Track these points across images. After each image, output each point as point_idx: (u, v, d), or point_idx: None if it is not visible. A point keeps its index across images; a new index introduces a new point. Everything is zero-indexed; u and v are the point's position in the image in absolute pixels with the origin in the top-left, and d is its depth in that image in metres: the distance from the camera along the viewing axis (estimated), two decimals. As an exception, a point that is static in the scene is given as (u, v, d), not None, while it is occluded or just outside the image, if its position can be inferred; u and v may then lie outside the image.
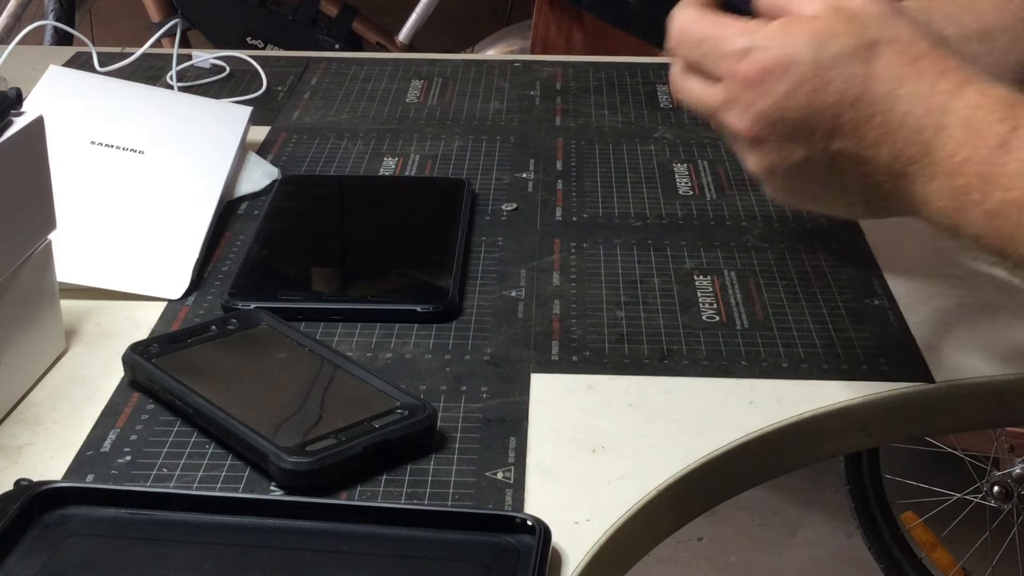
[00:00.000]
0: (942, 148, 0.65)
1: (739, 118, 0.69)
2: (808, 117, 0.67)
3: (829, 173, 0.69)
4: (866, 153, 0.67)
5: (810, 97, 0.67)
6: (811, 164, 0.68)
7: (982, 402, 0.81)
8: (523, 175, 1.09)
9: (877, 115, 0.66)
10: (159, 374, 0.76)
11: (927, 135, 0.65)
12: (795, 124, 0.67)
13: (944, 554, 2.07)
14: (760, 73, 0.68)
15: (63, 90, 1.06)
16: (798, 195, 0.71)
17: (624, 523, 0.68)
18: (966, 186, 0.64)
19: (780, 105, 0.67)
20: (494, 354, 0.82)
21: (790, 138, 0.68)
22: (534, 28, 2.43)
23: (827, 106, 0.67)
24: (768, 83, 0.67)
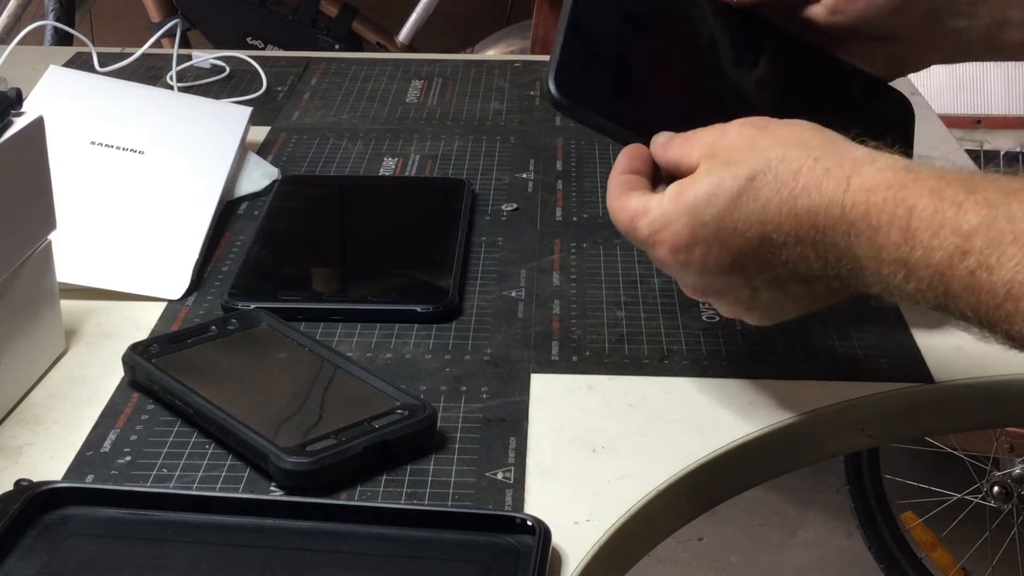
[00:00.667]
0: (858, 247, 0.65)
1: (683, 285, 0.73)
2: (733, 264, 0.69)
3: (783, 292, 0.70)
4: (801, 271, 0.68)
5: (724, 249, 0.69)
6: (761, 293, 0.70)
7: (982, 402, 0.81)
8: (523, 175, 1.09)
9: (788, 240, 0.67)
10: (159, 374, 0.76)
11: (840, 240, 0.65)
12: (727, 274, 0.70)
13: (944, 554, 2.07)
14: (671, 252, 0.70)
15: (63, 90, 1.06)
16: (773, 316, 0.73)
17: (624, 523, 0.68)
18: (892, 275, 0.64)
19: (704, 268, 0.70)
20: (494, 354, 0.82)
21: (730, 286, 0.71)
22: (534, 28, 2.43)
23: (743, 250, 0.68)
24: (682, 256, 0.70)
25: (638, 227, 0.71)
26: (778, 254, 0.67)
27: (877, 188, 0.64)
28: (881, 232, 0.63)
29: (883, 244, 0.63)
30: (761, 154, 0.68)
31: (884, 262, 0.64)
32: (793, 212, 0.66)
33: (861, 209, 0.64)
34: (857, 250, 0.65)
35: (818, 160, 0.66)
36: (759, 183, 0.67)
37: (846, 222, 0.65)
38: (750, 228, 0.67)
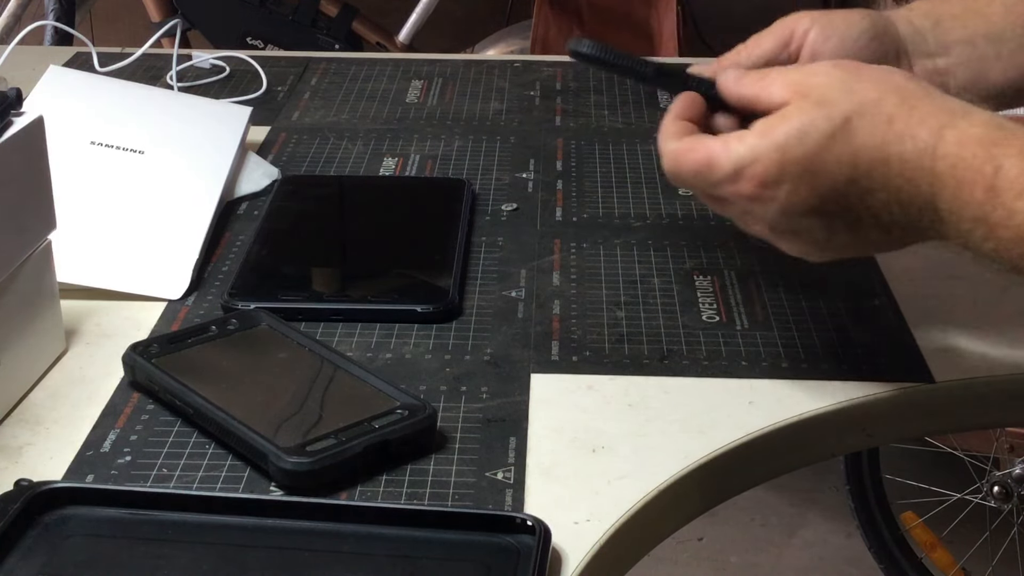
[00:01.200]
0: (941, 200, 0.65)
1: (759, 227, 0.72)
2: (818, 205, 0.69)
3: (859, 236, 0.70)
4: (883, 218, 0.68)
5: (811, 189, 0.68)
6: (839, 236, 0.70)
7: (982, 402, 0.81)
8: (523, 175, 1.09)
9: (875, 186, 0.67)
10: (159, 374, 0.76)
11: (925, 190, 0.66)
12: (808, 215, 0.69)
13: (944, 554, 2.07)
14: (758, 188, 0.69)
15: (63, 90, 1.06)
16: (840, 255, 0.73)
17: (624, 523, 0.68)
18: (971, 231, 0.65)
19: (788, 206, 0.69)
20: (494, 354, 0.82)
21: (809, 227, 0.70)
22: (534, 28, 2.43)
23: (830, 192, 0.68)
24: (769, 192, 0.69)
25: (717, 164, 0.70)
26: (864, 199, 0.67)
27: (968, 143, 0.64)
28: (965, 187, 0.64)
29: (966, 200, 0.64)
30: (856, 96, 0.67)
31: (965, 218, 0.64)
32: (884, 158, 0.66)
33: (950, 161, 0.64)
34: (940, 203, 0.65)
35: (914, 108, 0.66)
36: (853, 126, 0.67)
37: (933, 174, 0.65)
38: (840, 170, 0.67)
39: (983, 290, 0.89)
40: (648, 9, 2.42)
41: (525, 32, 2.51)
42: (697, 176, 0.72)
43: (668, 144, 0.73)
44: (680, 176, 0.73)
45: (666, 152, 0.73)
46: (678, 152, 0.72)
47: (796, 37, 0.80)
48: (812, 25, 0.80)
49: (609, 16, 2.47)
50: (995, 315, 0.87)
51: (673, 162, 0.73)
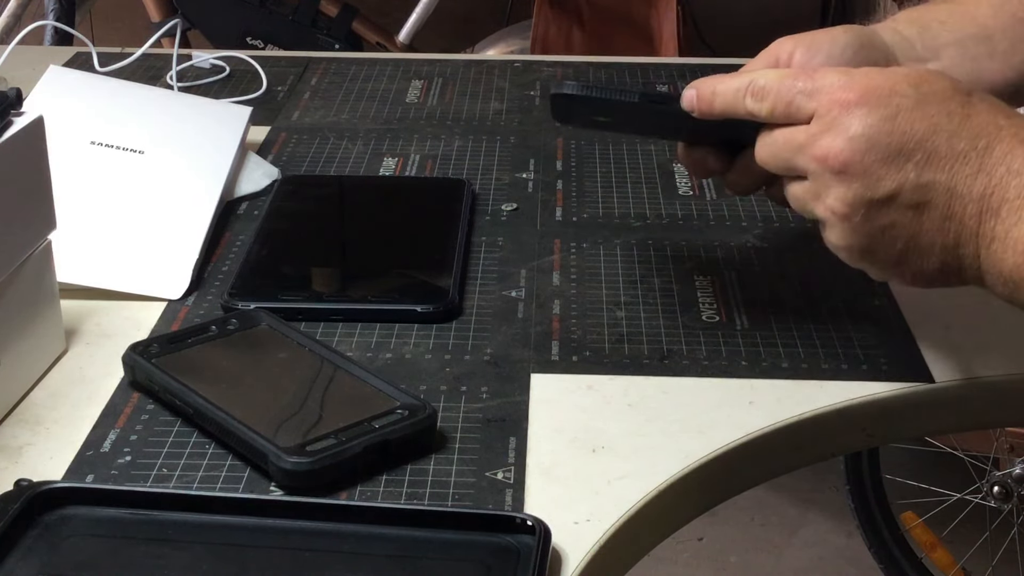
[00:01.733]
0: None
1: (831, 143, 0.69)
2: (903, 144, 0.67)
3: (913, 212, 0.68)
4: (959, 187, 0.67)
5: (908, 124, 0.67)
6: (896, 201, 0.68)
7: (982, 402, 0.81)
8: (523, 175, 1.09)
9: (976, 151, 0.66)
10: (159, 374, 0.76)
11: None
12: (889, 150, 0.67)
13: (944, 554, 2.07)
14: (860, 97, 0.68)
15: (63, 90, 1.06)
16: (872, 240, 0.70)
17: (624, 523, 0.68)
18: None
19: (876, 129, 0.67)
20: (494, 354, 0.82)
21: (882, 165, 0.68)
22: (534, 28, 2.43)
23: (924, 136, 0.67)
24: (866, 108, 0.68)
25: (825, 73, 0.70)
26: (953, 161, 0.66)
27: None
28: None
29: None
30: (980, 90, 0.69)
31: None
32: (997, 134, 0.66)
33: None
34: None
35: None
36: (975, 99, 0.68)
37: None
38: (949, 123, 0.67)
39: (983, 290, 0.89)
40: (648, 9, 2.43)
41: (525, 32, 2.51)
42: (798, 79, 0.71)
43: (763, 67, 0.74)
44: (775, 87, 0.71)
45: (764, 74, 0.73)
46: (777, 70, 0.73)
47: (782, 62, 0.80)
48: (796, 47, 0.80)
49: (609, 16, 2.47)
50: (995, 315, 0.87)
51: (774, 75, 0.72)
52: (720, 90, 0.75)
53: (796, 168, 0.72)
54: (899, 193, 0.68)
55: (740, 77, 0.75)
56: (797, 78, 0.71)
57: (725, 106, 0.75)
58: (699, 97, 0.76)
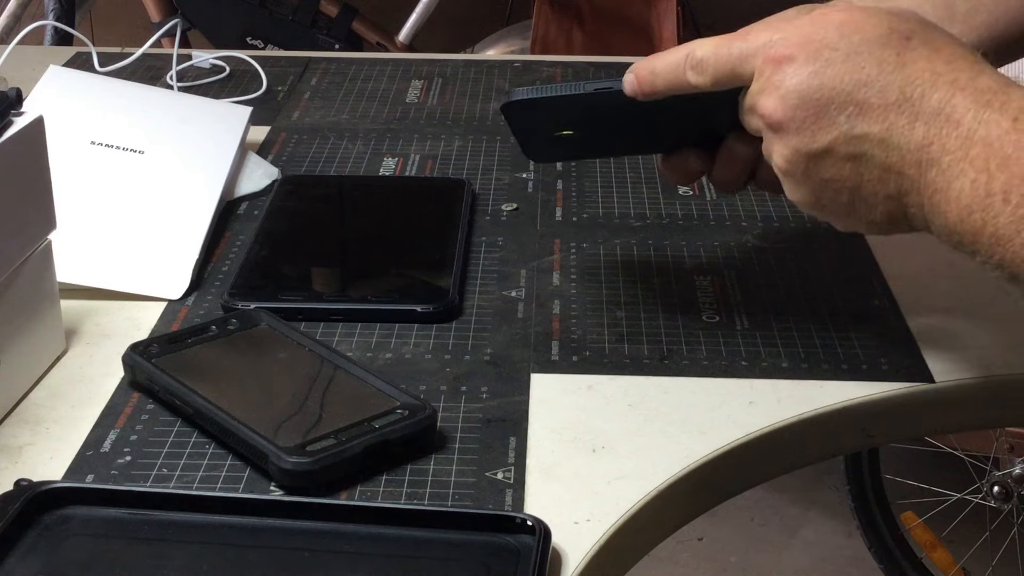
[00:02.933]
0: (983, 142, 0.63)
1: (766, 101, 0.69)
2: (833, 97, 0.67)
3: (851, 164, 0.68)
4: (894, 138, 0.66)
5: (838, 78, 0.67)
6: (833, 154, 0.68)
7: (982, 402, 0.81)
8: (523, 175, 1.09)
9: (909, 101, 0.65)
10: (159, 374, 0.76)
11: (968, 125, 0.64)
12: (820, 104, 0.67)
13: (944, 554, 2.07)
14: (787, 56, 0.68)
15: (63, 90, 1.06)
16: (817, 194, 0.70)
17: (624, 523, 0.68)
18: (994, 184, 0.63)
19: (806, 84, 0.67)
20: (494, 354, 0.82)
21: (814, 120, 0.68)
22: (534, 28, 2.43)
23: (855, 87, 0.66)
24: (796, 63, 0.68)
25: (756, 35, 0.70)
26: (886, 111, 0.66)
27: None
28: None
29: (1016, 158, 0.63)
30: (926, 31, 0.68)
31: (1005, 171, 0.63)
32: (934, 82, 0.65)
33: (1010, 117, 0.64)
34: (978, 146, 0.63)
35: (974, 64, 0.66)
36: (914, 44, 0.67)
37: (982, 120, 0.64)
38: (882, 73, 0.66)
39: (983, 290, 0.89)
40: (648, 9, 2.43)
41: (525, 32, 2.51)
42: (731, 47, 0.71)
43: (704, 42, 0.73)
44: (712, 59, 0.71)
45: (702, 46, 0.72)
46: (714, 40, 0.72)
47: None
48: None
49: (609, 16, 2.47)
50: (995, 315, 0.87)
51: (709, 49, 0.72)
52: (659, 68, 0.75)
53: (753, 128, 0.73)
54: (833, 146, 0.68)
55: (677, 52, 0.74)
56: (732, 43, 0.71)
57: (667, 83, 0.74)
58: (639, 79, 0.76)
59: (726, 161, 0.80)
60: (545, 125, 0.82)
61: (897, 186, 0.67)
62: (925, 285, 0.90)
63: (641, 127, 0.81)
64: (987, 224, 0.63)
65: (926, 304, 0.88)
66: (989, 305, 0.88)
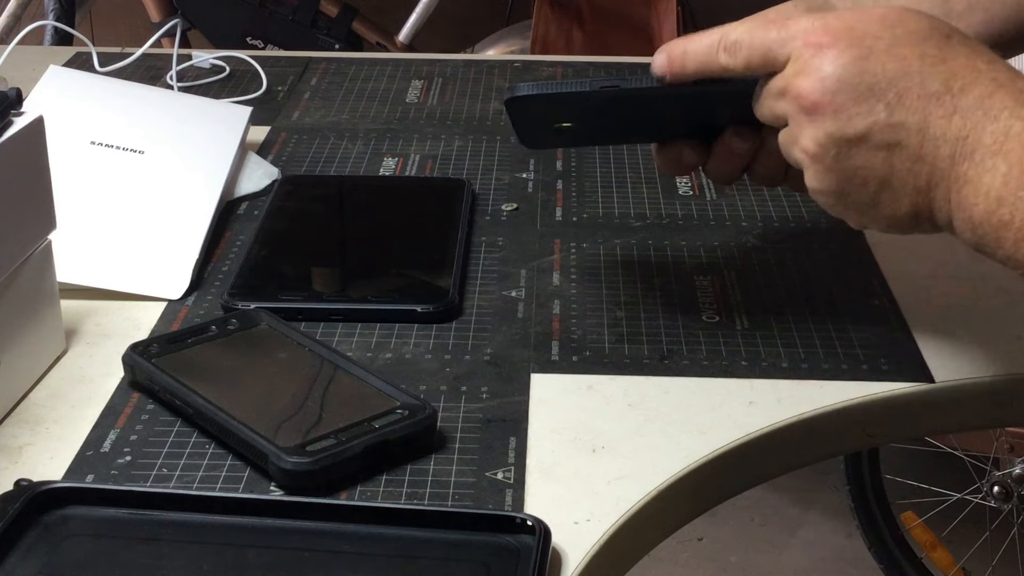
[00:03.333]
0: (1019, 138, 0.63)
1: (802, 83, 0.68)
2: (874, 84, 0.66)
3: (884, 153, 0.67)
4: (932, 129, 0.66)
5: (881, 66, 0.66)
6: (867, 141, 0.67)
7: (982, 402, 0.81)
8: (523, 175, 1.09)
9: (951, 93, 0.65)
10: (159, 374, 0.76)
11: (1005, 121, 0.64)
12: (860, 90, 0.67)
13: (944, 554, 2.07)
14: (833, 39, 0.68)
15: (63, 90, 1.06)
16: (844, 183, 0.69)
17: (624, 523, 0.68)
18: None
19: (848, 69, 0.67)
20: (494, 354, 0.82)
21: (853, 104, 0.67)
22: (534, 28, 2.43)
23: (897, 75, 0.66)
24: (838, 49, 0.67)
25: (797, 18, 0.69)
26: (926, 103, 0.65)
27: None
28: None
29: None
30: (963, 33, 0.68)
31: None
32: (975, 77, 0.65)
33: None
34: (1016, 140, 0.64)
35: (1010, 68, 0.67)
36: (955, 41, 0.67)
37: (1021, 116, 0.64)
38: (924, 64, 0.66)
39: (983, 290, 0.89)
40: (648, 9, 2.43)
41: (525, 32, 2.51)
42: (770, 27, 0.70)
43: (742, 23, 0.72)
44: (748, 38, 0.71)
45: (738, 27, 0.72)
46: (751, 21, 0.72)
47: None
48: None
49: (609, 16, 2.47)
50: (995, 315, 0.87)
51: (746, 28, 0.71)
52: (691, 49, 0.74)
53: (778, 114, 0.72)
54: (870, 133, 0.67)
55: (711, 33, 0.74)
56: (769, 28, 0.71)
57: (698, 64, 0.74)
58: (670, 59, 0.75)
59: (722, 155, 0.79)
60: (546, 118, 0.82)
61: (928, 178, 0.67)
62: (925, 285, 0.90)
63: (642, 120, 0.81)
64: (1015, 218, 0.63)
65: (926, 304, 0.88)
66: (989, 305, 0.88)
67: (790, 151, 0.72)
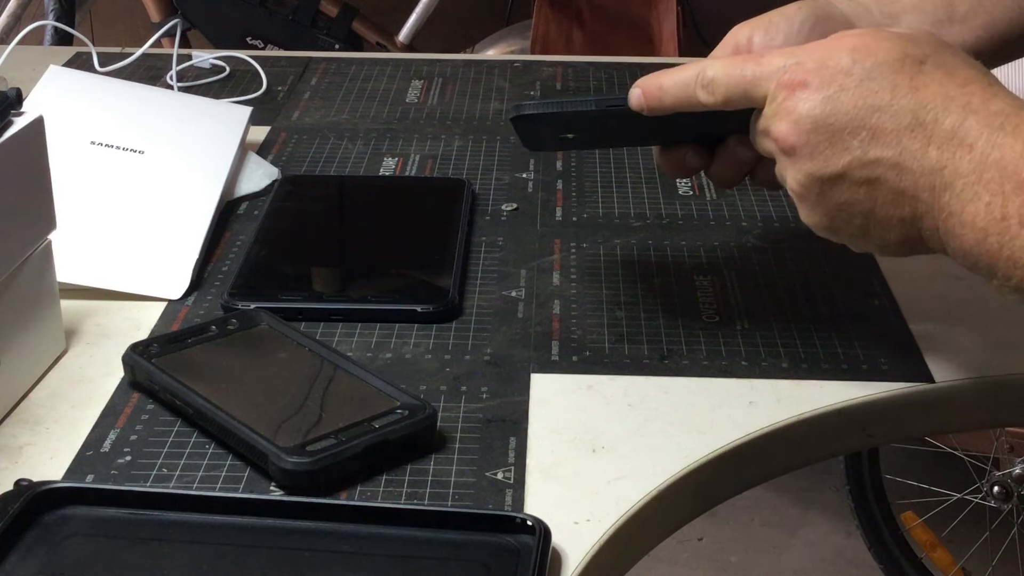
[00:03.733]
0: (996, 165, 0.63)
1: (779, 126, 0.70)
2: (847, 123, 0.67)
3: (865, 188, 0.68)
4: (908, 162, 0.66)
5: (852, 103, 0.67)
6: (846, 179, 0.68)
7: (982, 402, 0.81)
8: (523, 175, 1.09)
9: (922, 125, 0.66)
10: (159, 374, 0.76)
11: (981, 149, 0.64)
12: (834, 129, 0.67)
13: (944, 554, 2.07)
14: (801, 82, 0.68)
15: (63, 90, 1.06)
16: (831, 218, 0.70)
17: (624, 523, 0.68)
18: (1009, 206, 0.63)
19: (820, 110, 0.68)
20: (494, 354, 0.82)
21: (828, 145, 0.68)
22: (534, 28, 2.43)
23: (868, 112, 0.67)
24: (810, 89, 0.68)
25: (769, 60, 0.70)
26: (900, 136, 0.66)
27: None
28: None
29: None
30: (940, 53, 0.68)
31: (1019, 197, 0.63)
32: (947, 106, 0.65)
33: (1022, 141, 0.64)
34: (992, 169, 0.63)
35: (987, 87, 0.66)
36: (927, 68, 0.67)
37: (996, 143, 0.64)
38: (895, 97, 0.66)
39: (983, 290, 0.89)
40: (648, 9, 2.43)
41: (525, 32, 2.51)
42: (744, 69, 0.71)
43: (716, 61, 0.72)
44: (726, 79, 0.71)
45: (713, 65, 0.72)
46: (727, 61, 0.72)
47: (742, 48, 0.80)
48: (753, 31, 0.80)
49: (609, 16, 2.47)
50: (995, 315, 0.87)
51: (722, 69, 0.72)
52: (667, 85, 0.75)
53: (766, 150, 0.73)
54: (848, 171, 0.68)
55: (687, 69, 0.74)
56: (745, 65, 0.72)
57: (676, 101, 0.74)
58: (645, 94, 0.76)
59: (726, 161, 0.80)
60: (550, 131, 0.83)
61: (912, 210, 0.67)
62: (925, 285, 0.90)
63: (645, 130, 0.81)
64: (1003, 247, 0.64)
65: (926, 304, 0.88)
66: (988, 305, 0.88)
67: (783, 184, 0.73)
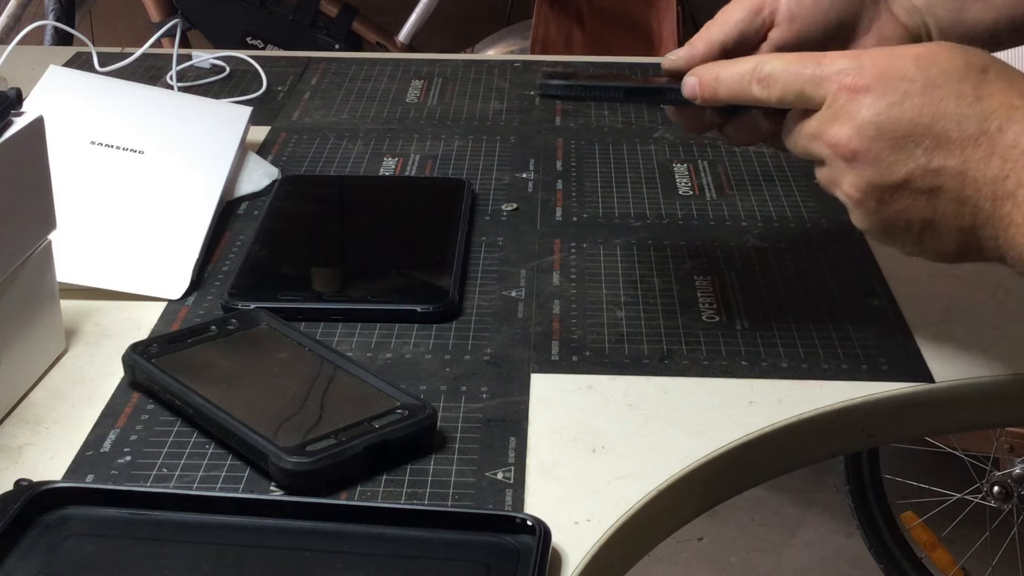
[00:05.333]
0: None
1: (839, 131, 0.68)
2: (911, 130, 0.66)
3: (926, 197, 0.67)
4: (971, 172, 0.66)
5: (916, 110, 0.66)
6: (909, 186, 0.68)
7: (982, 402, 0.81)
8: (523, 175, 1.09)
9: (987, 134, 0.65)
10: (159, 374, 0.76)
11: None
12: (897, 136, 0.67)
13: (944, 554, 2.07)
14: (868, 84, 0.67)
15: (63, 90, 1.06)
16: (887, 224, 0.70)
17: (624, 523, 0.68)
18: None
19: (884, 116, 0.67)
20: (494, 354, 0.82)
21: (891, 152, 0.67)
22: (534, 28, 2.43)
23: (933, 119, 0.66)
24: (873, 94, 0.67)
25: (832, 60, 0.69)
26: (964, 145, 0.65)
27: None
28: None
29: None
30: (999, 64, 0.67)
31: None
32: (1010, 115, 0.65)
33: None
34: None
35: None
36: (990, 77, 0.66)
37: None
38: (960, 106, 0.66)
39: (983, 290, 0.89)
40: (648, 9, 2.43)
41: (525, 32, 2.51)
42: (804, 67, 0.70)
43: (773, 56, 0.72)
44: (783, 74, 0.70)
45: (770, 60, 0.71)
46: (786, 56, 0.71)
47: (768, 8, 0.79)
48: None
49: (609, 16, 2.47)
50: (995, 315, 0.87)
51: (780, 64, 0.71)
52: (724, 77, 0.74)
53: (813, 155, 0.71)
54: (910, 179, 0.67)
55: (745, 62, 0.73)
56: (805, 64, 0.70)
57: (730, 93, 0.74)
58: (701, 84, 0.75)
59: (744, 125, 0.79)
60: (573, 98, 0.82)
61: (972, 219, 0.67)
62: (925, 285, 0.90)
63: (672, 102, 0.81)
64: None
65: (926, 304, 0.88)
66: (989, 305, 0.88)
67: (831, 191, 0.72)
